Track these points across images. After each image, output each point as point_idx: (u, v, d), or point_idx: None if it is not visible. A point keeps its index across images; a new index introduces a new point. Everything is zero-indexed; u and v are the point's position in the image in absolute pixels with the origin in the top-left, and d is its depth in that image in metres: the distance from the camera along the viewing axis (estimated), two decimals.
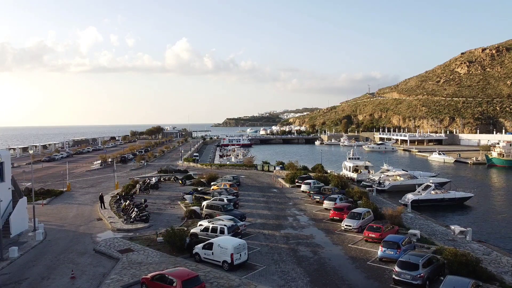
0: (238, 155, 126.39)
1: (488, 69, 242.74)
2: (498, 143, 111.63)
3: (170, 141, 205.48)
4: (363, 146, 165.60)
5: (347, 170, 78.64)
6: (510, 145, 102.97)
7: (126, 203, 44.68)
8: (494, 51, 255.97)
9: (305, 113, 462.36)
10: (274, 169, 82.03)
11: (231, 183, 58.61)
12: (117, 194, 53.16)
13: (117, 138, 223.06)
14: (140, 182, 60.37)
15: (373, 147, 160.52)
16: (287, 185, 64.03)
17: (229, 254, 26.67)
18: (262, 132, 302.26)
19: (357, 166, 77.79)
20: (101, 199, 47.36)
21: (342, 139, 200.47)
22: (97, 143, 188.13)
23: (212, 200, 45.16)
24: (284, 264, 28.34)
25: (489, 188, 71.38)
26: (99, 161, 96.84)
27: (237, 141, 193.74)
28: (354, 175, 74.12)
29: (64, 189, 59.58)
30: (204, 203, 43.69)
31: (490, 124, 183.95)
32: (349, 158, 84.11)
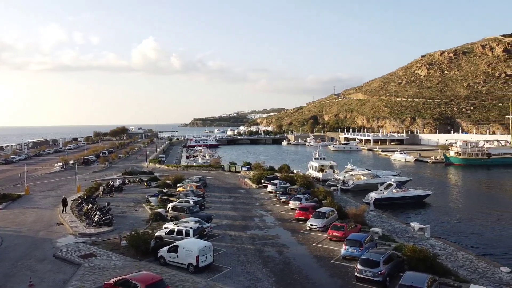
0: (205, 156, 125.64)
1: (446, 72, 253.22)
2: (455, 143, 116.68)
3: (135, 142, 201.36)
4: (328, 146, 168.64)
5: (313, 170, 79.90)
6: (466, 144, 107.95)
7: (89, 207, 43.44)
8: (451, 55, 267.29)
9: (272, 114, 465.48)
10: (241, 169, 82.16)
11: (197, 184, 58.24)
12: (79, 197, 51.54)
13: (79, 139, 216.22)
14: (104, 185, 58.88)
15: (338, 147, 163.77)
16: (254, 186, 64.30)
17: (195, 256, 26.52)
18: (229, 132, 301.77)
19: (322, 166, 79.15)
20: (64, 202, 45.81)
21: (308, 139, 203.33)
22: (58, 145, 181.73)
23: (178, 202, 44.67)
24: (250, 265, 28.48)
25: (447, 186, 74.53)
26: (60, 163, 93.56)
27: (204, 142, 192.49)
28: (319, 175, 75.41)
29: (22, 193, 57.12)
30: (170, 205, 43.18)
31: (448, 124, 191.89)
32: (315, 158, 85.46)
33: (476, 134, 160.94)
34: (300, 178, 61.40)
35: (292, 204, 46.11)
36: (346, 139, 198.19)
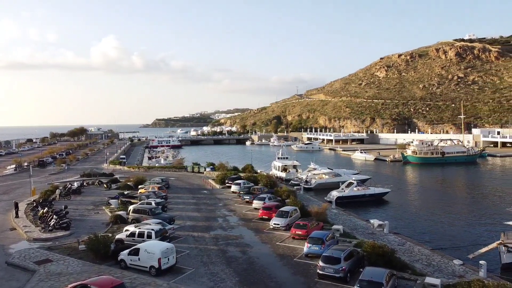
0: (167, 157, 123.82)
1: (404, 74, 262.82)
2: (412, 142, 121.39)
3: (94, 143, 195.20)
4: (292, 146, 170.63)
5: (276, 169, 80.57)
6: (422, 143, 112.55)
7: (44, 210, 41.63)
8: (408, 57, 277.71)
9: (236, 114, 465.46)
10: (205, 170, 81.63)
11: (159, 185, 57.30)
12: (34, 201, 49.34)
13: (34, 140, 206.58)
14: (61, 187, 56.67)
15: (301, 147, 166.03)
16: (218, 186, 64.02)
17: (157, 258, 26.05)
18: (192, 133, 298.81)
19: (285, 165, 80.00)
20: (16, 206, 43.66)
21: (272, 139, 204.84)
22: (11, 146, 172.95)
23: (139, 204, 43.73)
24: (213, 266, 28.31)
25: (404, 184, 77.37)
26: (13, 166, 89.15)
27: (166, 142, 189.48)
28: (283, 175, 76.15)
29: None
30: (131, 207, 42.18)
31: (405, 124, 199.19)
32: (278, 158, 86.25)
33: (431, 133, 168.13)
34: (263, 178, 61.75)
35: (256, 203, 46.26)
36: (309, 139, 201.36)
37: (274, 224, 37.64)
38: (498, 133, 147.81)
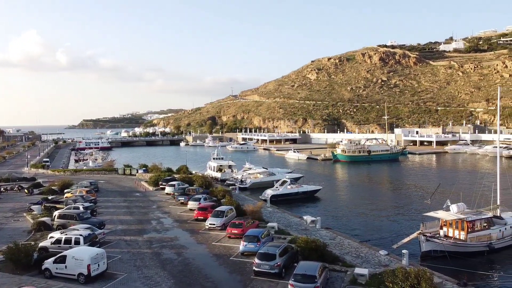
0: (96, 159, 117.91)
1: (333, 76, 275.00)
2: (341, 141, 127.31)
3: (13, 145, 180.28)
4: (227, 147, 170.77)
5: (211, 170, 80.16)
6: (351, 143, 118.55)
7: None
8: (337, 61, 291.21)
9: (170, 114, 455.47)
10: (137, 172, 79.02)
11: (88, 189, 54.38)
12: None
13: None
14: None
15: (236, 147, 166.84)
16: (151, 188, 62.26)
17: (86, 265, 24.67)
18: (124, 134, 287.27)
19: (221, 165, 79.88)
20: None
21: (207, 140, 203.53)
22: None
23: (66, 209, 41.12)
24: (147, 269, 27.45)
25: (335, 181, 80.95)
26: None
27: (95, 144, 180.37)
28: (218, 175, 75.98)
29: None
30: (56, 212, 39.54)
31: (335, 125, 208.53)
32: (214, 158, 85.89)
33: (358, 133, 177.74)
34: (198, 178, 61.15)
35: (191, 204, 45.70)
36: (244, 139, 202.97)
37: (210, 224, 37.42)
38: (417, 132, 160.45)
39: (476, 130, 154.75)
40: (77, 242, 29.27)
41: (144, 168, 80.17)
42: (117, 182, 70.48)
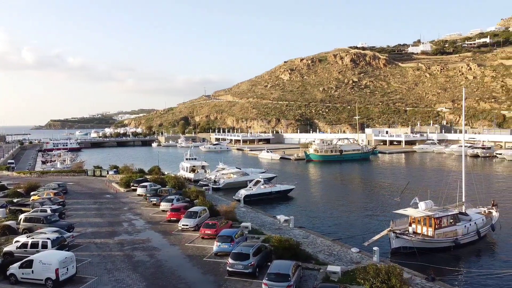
0: (64, 161, 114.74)
1: (306, 77, 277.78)
2: (314, 141, 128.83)
3: None
4: (200, 147, 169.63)
5: (184, 170, 79.41)
6: (323, 142, 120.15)
7: None
8: (309, 62, 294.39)
9: (141, 115, 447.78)
10: (108, 173, 77.33)
11: (56, 191, 52.77)
12: None
13: None
14: None
15: (209, 148, 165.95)
16: (122, 190, 61.10)
17: (54, 269, 23.93)
18: (93, 134, 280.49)
19: (194, 166, 79.27)
20: None
21: (179, 140, 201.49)
22: None
23: (32, 212, 39.79)
24: (118, 272, 26.90)
25: (307, 180, 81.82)
26: None
27: (63, 145, 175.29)
28: (191, 175, 75.35)
29: None
30: (22, 216, 38.19)
31: (307, 125, 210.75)
32: (187, 159, 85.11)
33: (330, 133, 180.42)
34: (171, 179, 60.46)
35: (163, 205, 45.14)
36: (217, 139, 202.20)
37: (183, 225, 37.07)
38: (387, 132, 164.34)
39: (443, 130, 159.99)
40: (44, 246, 28.34)
41: (115, 169, 78.56)
42: (86, 183, 68.78)
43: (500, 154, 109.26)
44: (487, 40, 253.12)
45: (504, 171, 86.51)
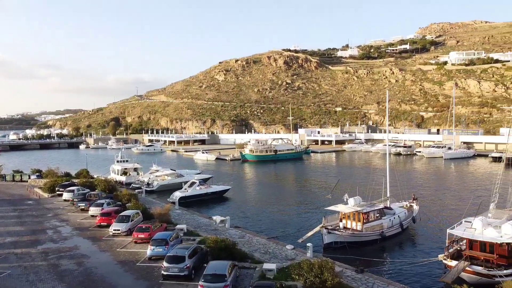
0: None
1: (241, 78, 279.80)
2: (249, 141, 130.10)
3: None
4: (132, 149, 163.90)
5: (115, 173, 76.12)
6: (258, 143, 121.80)
7: None
8: (244, 63, 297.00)
9: (67, 115, 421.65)
10: (29, 178, 71.87)
11: None
12: None
13: None
14: None
15: (142, 149, 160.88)
16: (46, 195, 57.11)
17: None
18: (12, 136, 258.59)
19: (126, 168, 76.31)
20: None
21: (110, 142, 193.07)
22: None
23: None
24: (42, 284, 25.06)
25: (243, 180, 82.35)
26: None
27: None
28: (123, 178, 72.47)
29: None
30: None
31: (243, 125, 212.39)
32: (118, 161, 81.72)
33: (265, 133, 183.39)
34: (101, 182, 57.60)
35: (93, 210, 42.92)
36: (150, 140, 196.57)
37: (114, 230, 35.51)
38: (319, 132, 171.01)
39: (369, 130, 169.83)
40: None
41: (37, 174, 73.23)
42: (4, 189, 63.29)
43: (419, 152, 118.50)
44: (407, 46, 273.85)
45: (423, 167, 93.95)
